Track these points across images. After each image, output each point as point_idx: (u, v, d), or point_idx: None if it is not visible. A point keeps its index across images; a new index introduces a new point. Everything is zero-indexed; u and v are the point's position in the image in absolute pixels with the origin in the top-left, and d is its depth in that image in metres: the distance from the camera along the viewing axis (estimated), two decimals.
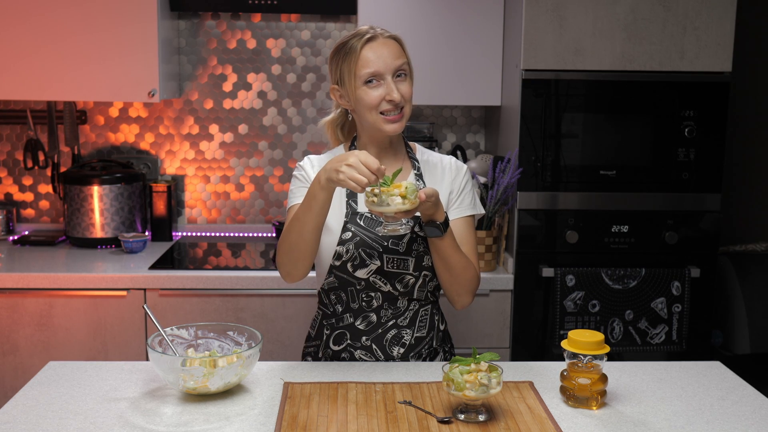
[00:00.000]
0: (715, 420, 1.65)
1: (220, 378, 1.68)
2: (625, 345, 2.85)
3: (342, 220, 1.92)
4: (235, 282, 2.81)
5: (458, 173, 2.03)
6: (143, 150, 3.41)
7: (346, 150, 2.03)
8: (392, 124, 1.89)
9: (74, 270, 2.81)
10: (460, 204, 2.00)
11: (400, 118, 1.90)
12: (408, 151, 2.04)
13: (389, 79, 1.87)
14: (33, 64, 2.98)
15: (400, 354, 1.97)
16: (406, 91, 1.90)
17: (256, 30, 3.37)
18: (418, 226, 1.91)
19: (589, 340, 1.68)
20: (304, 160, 2.02)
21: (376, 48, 1.88)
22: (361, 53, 1.87)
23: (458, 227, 1.98)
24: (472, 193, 2.03)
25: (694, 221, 2.86)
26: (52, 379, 1.80)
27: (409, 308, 1.96)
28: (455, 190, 2.00)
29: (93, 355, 2.81)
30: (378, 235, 1.91)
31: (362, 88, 1.88)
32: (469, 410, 1.61)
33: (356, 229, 1.91)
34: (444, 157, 2.06)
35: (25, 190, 3.42)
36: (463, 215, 2.00)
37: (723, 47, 2.79)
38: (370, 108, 1.88)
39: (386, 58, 1.87)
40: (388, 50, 1.88)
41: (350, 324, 1.96)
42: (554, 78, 2.78)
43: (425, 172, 2.01)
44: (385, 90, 1.87)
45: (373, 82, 1.87)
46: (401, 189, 1.68)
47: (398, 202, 1.68)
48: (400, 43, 1.92)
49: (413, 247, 1.91)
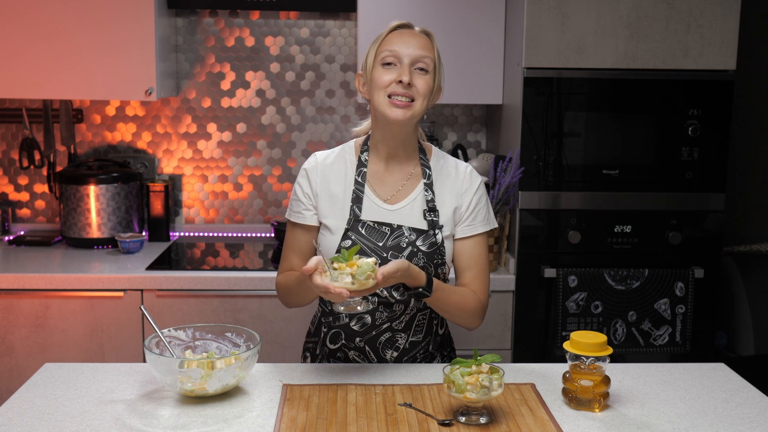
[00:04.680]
0: (719, 422, 1.64)
1: (218, 380, 1.67)
2: (628, 346, 2.83)
3: (343, 226, 1.89)
4: (233, 283, 2.79)
5: (471, 185, 1.97)
6: (140, 149, 3.39)
7: (357, 146, 1.98)
8: (396, 109, 1.83)
9: (70, 270, 2.80)
10: (473, 221, 1.95)
11: (407, 106, 1.84)
12: (421, 157, 1.98)
13: (406, 63, 1.84)
14: (29, 62, 2.96)
15: (393, 357, 1.94)
16: (421, 84, 1.85)
17: (254, 27, 3.35)
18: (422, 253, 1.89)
19: (591, 342, 1.67)
20: (309, 163, 1.97)
21: (403, 34, 1.87)
22: (388, 35, 1.88)
23: (468, 247, 1.94)
24: (486, 208, 1.98)
25: (698, 221, 2.85)
26: (48, 381, 1.79)
27: (406, 312, 1.92)
28: (466, 205, 1.95)
29: (89, 356, 2.79)
30: (378, 245, 1.87)
31: (377, 68, 1.86)
32: (470, 412, 1.61)
33: (357, 237, 1.87)
34: (460, 164, 2.00)
35: (20, 190, 3.40)
36: (475, 233, 1.95)
37: (727, 45, 2.77)
38: (379, 88, 1.84)
39: (409, 44, 1.85)
40: (416, 40, 1.87)
41: (345, 324, 1.94)
42: (556, 76, 2.76)
43: (437, 180, 1.96)
44: (398, 72, 1.84)
45: (390, 64, 1.85)
46: (353, 269, 1.65)
47: (347, 281, 1.65)
48: (431, 40, 1.90)
49: (413, 261, 1.86)
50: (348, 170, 1.95)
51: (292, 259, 1.97)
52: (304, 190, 1.95)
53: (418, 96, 1.84)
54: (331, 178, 1.94)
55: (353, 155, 1.97)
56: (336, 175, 1.94)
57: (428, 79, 1.86)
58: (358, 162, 1.95)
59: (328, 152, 1.99)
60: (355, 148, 1.99)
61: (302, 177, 1.96)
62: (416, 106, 1.85)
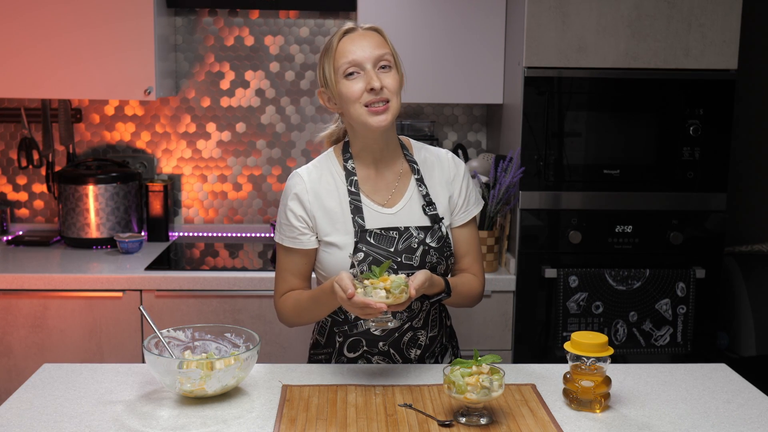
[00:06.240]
0: (720, 423, 1.63)
1: (217, 380, 1.66)
2: (629, 347, 2.82)
3: (352, 240, 1.86)
4: (232, 283, 2.78)
5: (458, 171, 1.98)
6: (139, 149, 3.38)
7: (337, 154, 1.94)
8: (377, 116, 1.81)
9: (69, 271, 2.79)
10: (467, 206, 1.97)
11: (386, 110, 1.81)
12: (405, 153, 1.97)
13: (369, 68, 1.80)
14: (27, 61, 2.96)
15: (417, 355, 1.94)
16: (390, 83, 1.82)
17: (254, 27, 3.34)
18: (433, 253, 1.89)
19: (592, 342, 1.67)
20: (297, 185, 1.89)
21: (354, 39, 1.83)
22: (339, 46, 1.83)
23: (465, 233, 1.97)
24: (474, 190, 2.00)
25: (700, 221, 2.84)
26: (47, 382, 1.79)
27: (422, 309, 1.92)
28: (458, 192, 1.96)
29: (88, 357, 2.79)
30: (390, 251, 1.86)
31: (342, 82, 1.82)
32: (470, 413, 1.60)
33: (368, 248, 1.85)
34: (440, 151, 2.00)
35: (19, 190, 3.39)
36: (470, 217, 1.98)
37: (729, 44, 2.76)
38: (352, 101, 1.81)
39: (365, 47, 1.81)
40: (368, 40, 1.82)
41: (365, 330, 1.91)
42: (557, 75, 2.75)
43: (425, 173, 1.96)
44: (366, 80, 1.80)
45: (353, 74, 1.81)
46: (386, 283, 1.67)
47: (382, 296, 1.66)
48: (382, 34, 1.86)
49: (426, 260, 1.88)
50: (338, 182, 1.91)
51: (291, 280, 1.94)
52: (297, 213, 1.89)
53: (392, 95, 1.82)
54: (322, 194, 1.89)
55: (338, 165, 1.93)
56: (327, 190, 1.90)
57: (394, 73, 1.84)
58: (345, 171, 1.91)
59: (309, 168, 1.93)
60: (336, 156, 1.95)
61: (293, 201, 1.89)
62: (393, 105, 1.83)
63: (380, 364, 1.92)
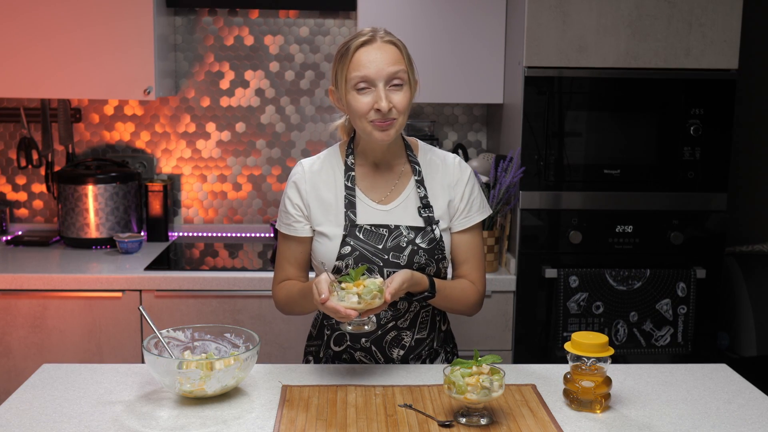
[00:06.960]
0: (721, 424, 1.63)
1: (217, 381, 1.66)
2: (630, 347, 2.82)
3: (341, 232, 1.87)
4: (232, 283, 2.78)
5: (462, 176, 1.96)
6: (139, 149, 3.38)
7: (342, 149, 1.96)
8: (381, 132, 1.81)
9: (68, 271, 2.79)
10: (469, 212, 1.95)
11: (390, 126, 1.81)
12: (408, 153, 1.97)
13: (380, 86, 1.79)
14: (27, 61, 2.95)
15: (399, 356, 1.94)
16: (400, 102, 1.80)
17: (253, 26, 3.34)
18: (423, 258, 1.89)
19: (592, 342, 1.66)
20: (297, 173, 1.94)
21: (370, 51, 1.79)
22: (354, 56, 1.80)
23: (466, 239, 1.95)
24: (480, 196, 1.98)
25: (700, 221, 2.84)
26: (46, 382, 1.79)
27: (410, 310, 1.92)
28: (459, 197, 1.94)
29: (88, 357, 2.78)
30: (378, 248, 1.86)
31: (352, 93, 1.81)
32: (470, 414, 1.60)
33: (356, 243, 1.86)
34: (447, 155, 1.99)
35: (18, 190, 3.38)
36: (472, 223, 1.95)
37: (729, 44, 2.76)
38: (359, 116, 1.81)
39: (379, 63, 1.79)
40: (383, 55, 1.80)
41: None
42: (557, 75, 2.75)
43: (427, 175, 1.95)
44: (375, 98, 1.79)
45: (363, 88, 1.80)
46: (359, 288, 1.68)
47: (354, 300, 1.67)
48: (400, 50, 1.83)
49: (414, 260, 1.87)
50: (336, 175, 1.93)
51: (288, 269, 1.97)
52: (294, 201, 1.92)
53: (399, 113, 1.81)
54: (320, 185, 1.92)
55: (340, 159, 1.95)
56: (325, 181, 1.92)
57: (405, 91, 1.82)
58: (345, 166, 1.93)
59: (313, 159, 1.97)
60: (340, 151, 1.97)
61: (291, 188, 1.93)
62: (399, 122, 1.83)
63: (380, 365, 1.92)
